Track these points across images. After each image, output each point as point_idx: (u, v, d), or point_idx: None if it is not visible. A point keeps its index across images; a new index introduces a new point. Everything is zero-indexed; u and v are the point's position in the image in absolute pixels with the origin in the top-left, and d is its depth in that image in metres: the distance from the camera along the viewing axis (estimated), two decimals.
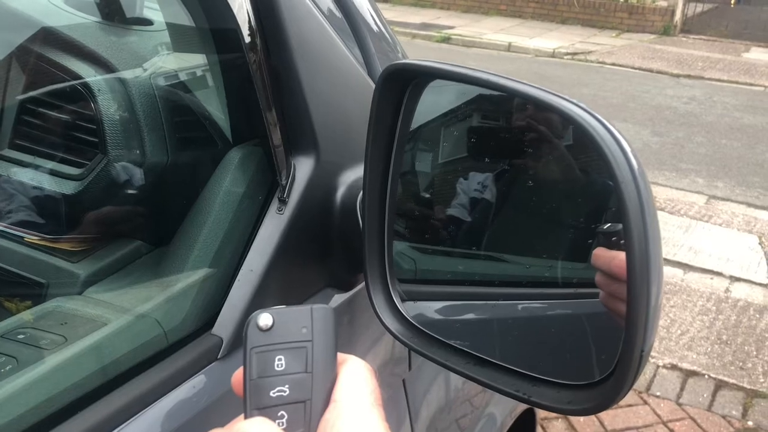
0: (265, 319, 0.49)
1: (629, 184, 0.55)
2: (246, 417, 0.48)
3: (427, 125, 0.84)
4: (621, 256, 0.57)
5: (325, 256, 0.87)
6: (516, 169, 0.79)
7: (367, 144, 0.75)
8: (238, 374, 0.50)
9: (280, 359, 0.48)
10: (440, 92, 0.80)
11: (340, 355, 0.51)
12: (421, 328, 0.78)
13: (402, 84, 0.75)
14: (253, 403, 0.48)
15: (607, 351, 0.63)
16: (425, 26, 11.33)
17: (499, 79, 0.65)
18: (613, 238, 0.61)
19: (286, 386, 0.48)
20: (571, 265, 0.74)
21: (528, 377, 0.68)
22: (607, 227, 0.63)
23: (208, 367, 0.71)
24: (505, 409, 1.59)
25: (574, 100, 0.60)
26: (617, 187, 0.55)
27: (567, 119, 0.60)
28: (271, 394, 0.48)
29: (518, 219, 0.82)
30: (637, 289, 0.56)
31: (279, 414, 0.47)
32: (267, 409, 0.48)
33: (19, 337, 0.65)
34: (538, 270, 0.78)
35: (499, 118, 0.82)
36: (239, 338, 0.74)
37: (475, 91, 0.80)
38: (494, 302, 0.81)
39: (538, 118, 0.71)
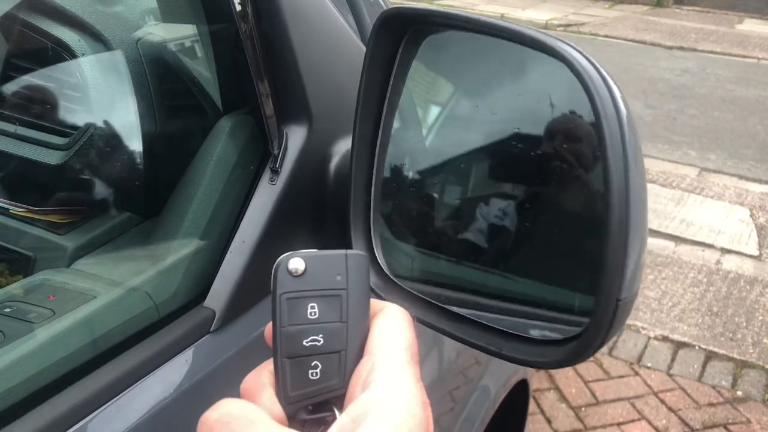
0: (296, 263, 0.46)
1: (612, 119, 0.53)
2: (276, 365, 0.46)
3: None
4: None
5: (318, 226, 0.85)
6: (539, 199, 0.77)
7: (359, 95, 0.74)
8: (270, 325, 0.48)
9: (313, 307, 0.46)
10: (439, 53, 0.78)
11: (378, 303, 0.49)
12: (398, 283, 0.76)
13: (398, 33, 0.72)
14: (284, 352, 0.46)
15: (584, 307, 0.62)
16: None
17: (497, 23, 0.65)
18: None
19: (320, 335, 0.46)
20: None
21: (502, 333, 0.68)
22: None
23: (200, 340, 0.70)
24: (499, 381, 1.60)
25: (570, 43, 0.59)
26: (597, 123, 0.54)
27: (556, 57, 0.59)
28: (305, 343, 0.46)
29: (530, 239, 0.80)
30: (614, 233, 0.54)
31: (312, 364, 0.46)
32: (300, 359, 0.46)
33: (5, 310, 0.63)
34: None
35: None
36: (232, 311, 0.73)
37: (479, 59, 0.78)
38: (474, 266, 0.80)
39: (570, 150, 0.70)
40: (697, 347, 3.24)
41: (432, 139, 0.84)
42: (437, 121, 0.84)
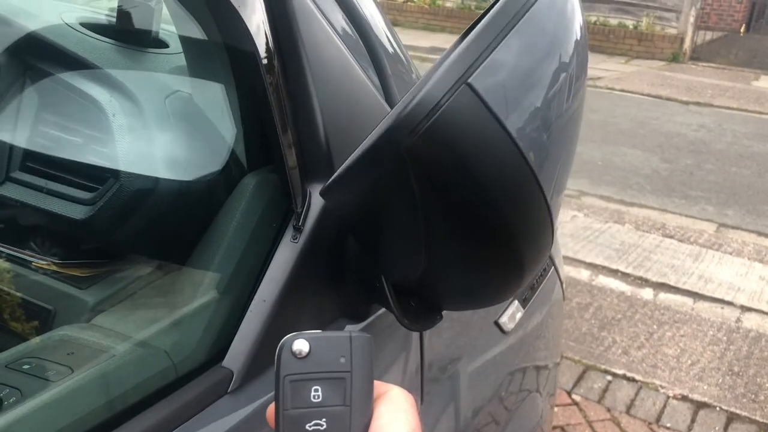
0: (300, 344, 0.46)
1: None
2: None
3: None
4: None
5: (339, 285, 0.85)
6: None
7: None
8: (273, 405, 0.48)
9: (316, 390, 0.46)
10: None
11: (382, 385, 0.49)
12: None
13: None
14: None
15: None
16: (435, 50, 11.38)
17: None
18: None
19: (323, 420, 0.45)
20: None
21: None
22: None
23: (217, 401, 0.69)
24: None
25: None
26: None
27: None
28: (307, 427, 0.45)
29: None
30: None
31: None
32: None
33: (24, 367, 0.63)
34: None
35: None
36: (250, 371, 0.72)
37: None
38: None
39: None
40: (718, 408, 3.16)
41: None
42: None
